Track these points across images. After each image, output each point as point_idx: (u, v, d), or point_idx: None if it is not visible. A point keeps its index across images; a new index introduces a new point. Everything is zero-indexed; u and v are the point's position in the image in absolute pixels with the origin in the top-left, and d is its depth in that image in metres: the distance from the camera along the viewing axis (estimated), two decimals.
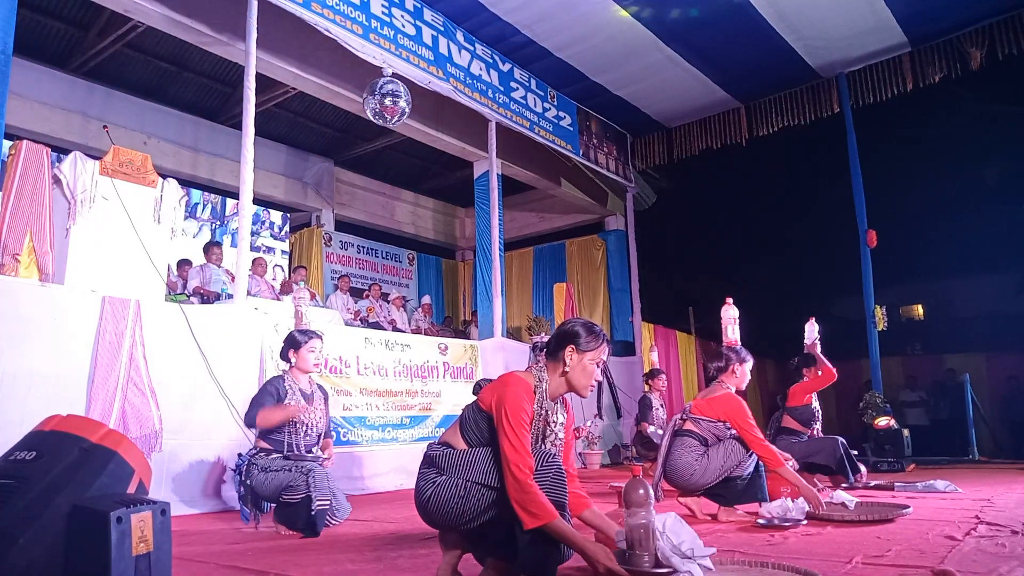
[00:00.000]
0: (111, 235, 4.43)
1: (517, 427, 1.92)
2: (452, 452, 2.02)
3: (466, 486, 1.93)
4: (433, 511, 1.97)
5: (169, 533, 1.79)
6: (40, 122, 7.53)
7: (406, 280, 11.90)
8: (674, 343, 10.48)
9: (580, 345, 2.10)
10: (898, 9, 7.02)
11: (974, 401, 7.91)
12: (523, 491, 1.85)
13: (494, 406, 1.99)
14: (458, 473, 1.96)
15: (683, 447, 3.60)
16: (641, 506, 1.95)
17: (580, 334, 2.11)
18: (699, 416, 3.67)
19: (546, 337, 7.47)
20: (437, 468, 2.01)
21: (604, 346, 2.13)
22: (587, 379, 2.11)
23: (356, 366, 5.61)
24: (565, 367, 2.10)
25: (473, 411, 2.08)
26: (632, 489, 1.97)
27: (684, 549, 1.95)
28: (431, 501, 1.97)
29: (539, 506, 1.84)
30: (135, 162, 4.65)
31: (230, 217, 9.33)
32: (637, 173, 10.08)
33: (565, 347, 2.11)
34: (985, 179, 12.09)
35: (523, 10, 6.91)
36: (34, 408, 3.50)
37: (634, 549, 1.93)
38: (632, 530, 1.94)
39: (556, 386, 2.12)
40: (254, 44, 5.21)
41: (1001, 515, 3.36)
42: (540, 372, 2.12)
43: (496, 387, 2.04)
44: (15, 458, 1.82)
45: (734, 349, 3.86)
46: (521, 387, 2.01)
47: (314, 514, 3.24)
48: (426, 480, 2.00)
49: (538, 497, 1.85)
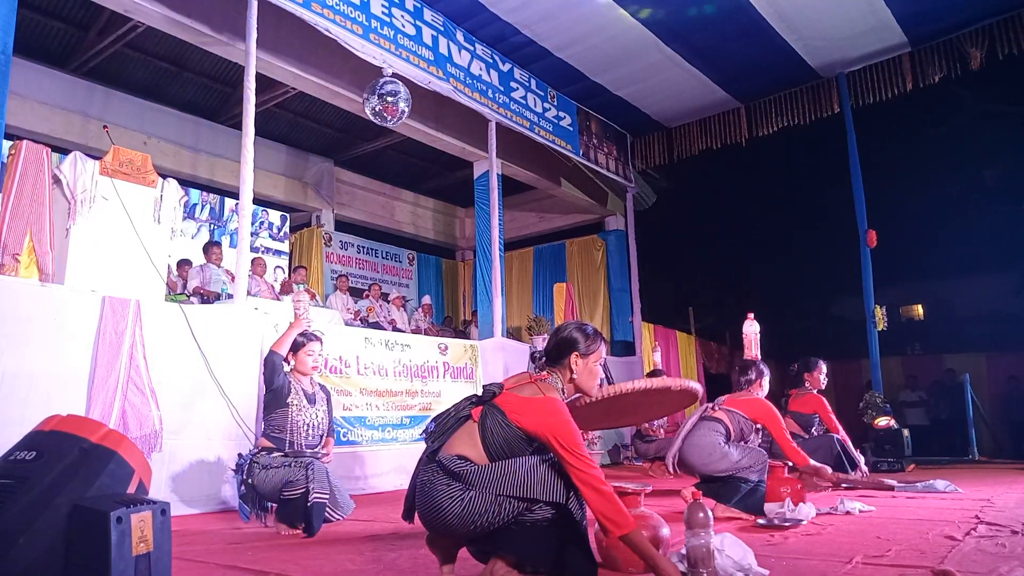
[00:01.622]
0: (111, 235, 4.43)
1: (581, 447, 1.96)
2: (480, 468, 1.98)
3: (498, 500, 1.92)
4: (456, 524, 1.94)
5: (169, 533, 1.79)
6: (40, 122, 7.53)
7: (406, 280, 11.90)
8: (674, 343, 10.48)
9: (583, 350, 2.15)
10: (898, 9, 7.02)
11: (974, 401, 7.91)
12: (608, 502, 1.90)
13: (549, 434, 1.97)
14: (490, 488, 1.93)
15: (709, 430, 3.76)
16: (703, 528, 2.07)
17: (579, 340, 2.16)
18: (733, 409, 3.86)
19: (542, 344, 7.48)
20: (464, 483, 1.95)
21: (603, 345, 2.20)
22: (594, 379, 2.19)
23: (356, 366, 5.61)
24: (573, 374, 2.15)
25: (502, 426, 2.02)
26: (693, 512, 2.09)
27: (744, 565, 2.11)
28: (453, 514, 1.93)
29: (623, 516, 1.90)
30: (135, 162, 4.65)
31: (228, 218, 9.33)
32: (637, 173, 10.08)
33: (569, 355, 2.15)
34: (985, 179, 12.08)
35: (523, 10, 6.91)
36: (34, 408, 3.50)
37: (696, 568, 2.05)
38: (694, 550, 2.07)
39: (568, 392, 2.19)
40: (254, 44, 5.21)
41: (1001, 515, 3.36)
42: (555, 383, 2.15)
43: (538, 410, 2.01)
44: (15, 458, 1.82)
45: (758, 363, 4.11)
46: (564, 408, 2.05)
47: (310, 505, 3.24)
48: (450, 495, 1.95)
49: (621, 508, 1.91)
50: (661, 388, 2.04)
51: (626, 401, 2.16)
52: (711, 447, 3.69)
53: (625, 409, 2.25)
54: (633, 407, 2.26)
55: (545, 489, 1.92)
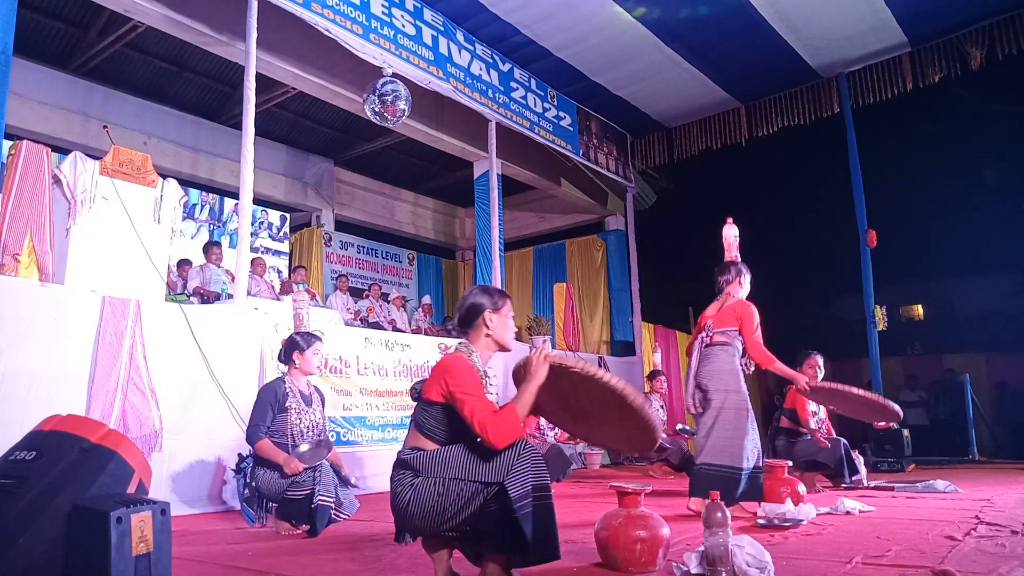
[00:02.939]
0: (111, 235, 4.43)
1: (467, 385, 1.99)
2: (425, 453, 2.03)
3: (444, 483, 1.94)
4: (414, 513, 1.97)
5: (169, 533, 1.79)
6: (40, 122, 7.53)
7: (406, 280, 11.90)
8: (674, 343, 10.48)
9: (492, 306, 2.21)
10: (898, 9, 7.02)
11: (974, 401, 7.90)
12: (498, 424, 1.90)
13: (444, 386, 2.02)
14: (435, 472, 1.97)
15: (724, 352, 3.85)
16: (721, 527, 2.12)
17: (486, 299, 2.22)
18: (722, 329, 3.95)
19: (541, 344, 7.47)
20: (412, 470, 2.01)
21: (510, 301, 2.28)
22: (510, 332, 2.25)
23: (356, 366, 5.61)
24: (488, 330, 2.20)
25: (423, 408, 2.10)
26: (712, 512, 2.13)
27: (763, 562, 2.16)
28: (411, 503, 1.97)
29: (517, 430, 1.92)
30: (135, 162, 4.65)
31: (228, 218, 9.33)
32: (637, 173, 10.08)
33: (480, 315, 2.20)
34: (985, 179, 12.06)
35: (523, 10, 6.92)
36: (34, 408, 3.50)
37: (715, 567, 2.10)
38: (712, 548, 2.11)
39: (484, 351, 2.22)
40: (254, 44, 5.21)
41: (1001, 515, 3.36)
42: (465, 347, 2.19)
43: (436, 373, 2.08)
44: (15, 458, 1.82)
45: (737, 263, 4.22)
46: (458, 359, 2.08)
47: (315, 507, 3.25)
48: (402, 484, 2.00)
49: (513, 425, 1.92)
50: (621, 395, 1.98)
51: (586, 395, 2.12)
52: (728, 368, 3.80)
53: (583, 410, 2.21)
54: (592, 412, 2.21)
55: (485, 469, 1.91)
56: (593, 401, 2.14)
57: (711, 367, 3.85)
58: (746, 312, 3.91)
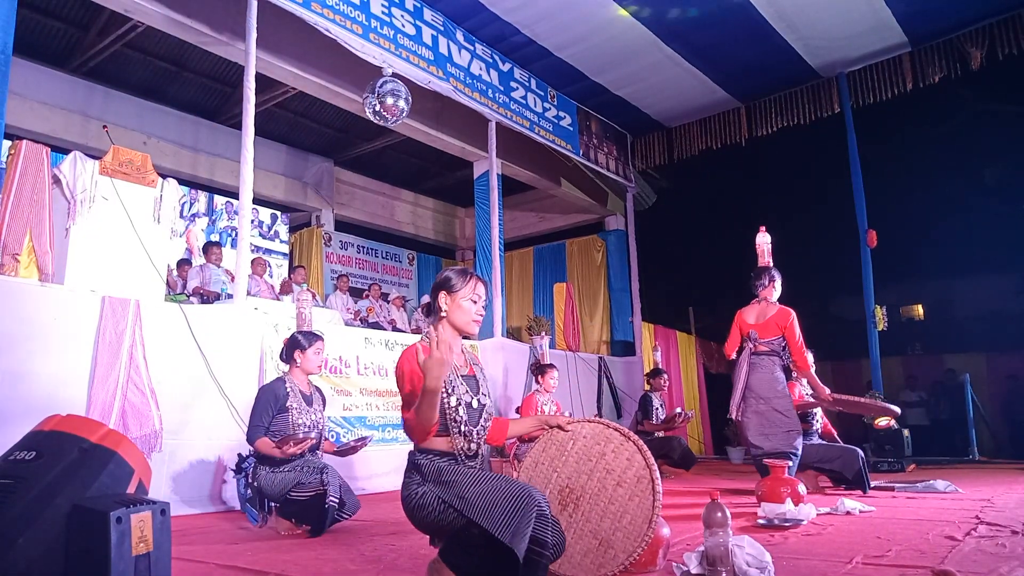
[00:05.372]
0: (111, 235, 4.43)
1: (402, 388, 2.03)
2: (433, 464, 2.02)
3: (444, 503, 1.94)
4: (416, 516, 2.02)
5: (169, 533, 1.79)
6: (40, 122, 7.53)
7: (406, 280, 11.90)
8: (674, 343, 10.47)
9: (450, 288, 2.15)
10: (898, 9, 7.02)
11: (974, 401, 7.90)
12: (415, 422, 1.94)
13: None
14: (439, 488, 1.97)
15: (770, 361, 4.43)
16: (720, 527, 2.13)
17: (448, 279, 2.17)
18: (767, 340, 4.47)
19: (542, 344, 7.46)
20: (421, 476, 2.03)
21: (474, 282, 2.17)
22: (466, 316, 2.14)
23: (356, 366, 5.60)
24: (442, 312, 2.15)
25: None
26: (712, 512, 2.15)
27: (763, 563, 2.19)
28: (416, 509, 2.00)
29: (418, 428, 1.95)
30: (135, 162, 4.65)
31: (218, 215, 9.31)
32: (637, 173, 10.08)
33: (438, 297, 2.16)
34: (985, 179, 12.06)
35: (523, 10, 6.91)
36: (34, 408, 3.49)
37: (715, 566, 2.12)
38: (712, 548, 2.12)
39: (440, 333, 2.13)
40: (254, 44, 5.21)
41: (1001, 515, 3.36)
42: (427, 332, 2.15)
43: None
44: (15, 458, 1.82)
45: (770, 269, 4.70)
46: (405, 357, 2.05)
47: (327, 507, 3.26)
48: (409, 488, 2.03)
49: (424, 416, 1.92)
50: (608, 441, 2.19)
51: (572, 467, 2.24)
52: (775, 379, 4.37)
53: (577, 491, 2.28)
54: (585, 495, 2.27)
55: (484, 515, 1.82)
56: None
57: (760, 376, 4.38)
58: (789, 324, 4.42)
